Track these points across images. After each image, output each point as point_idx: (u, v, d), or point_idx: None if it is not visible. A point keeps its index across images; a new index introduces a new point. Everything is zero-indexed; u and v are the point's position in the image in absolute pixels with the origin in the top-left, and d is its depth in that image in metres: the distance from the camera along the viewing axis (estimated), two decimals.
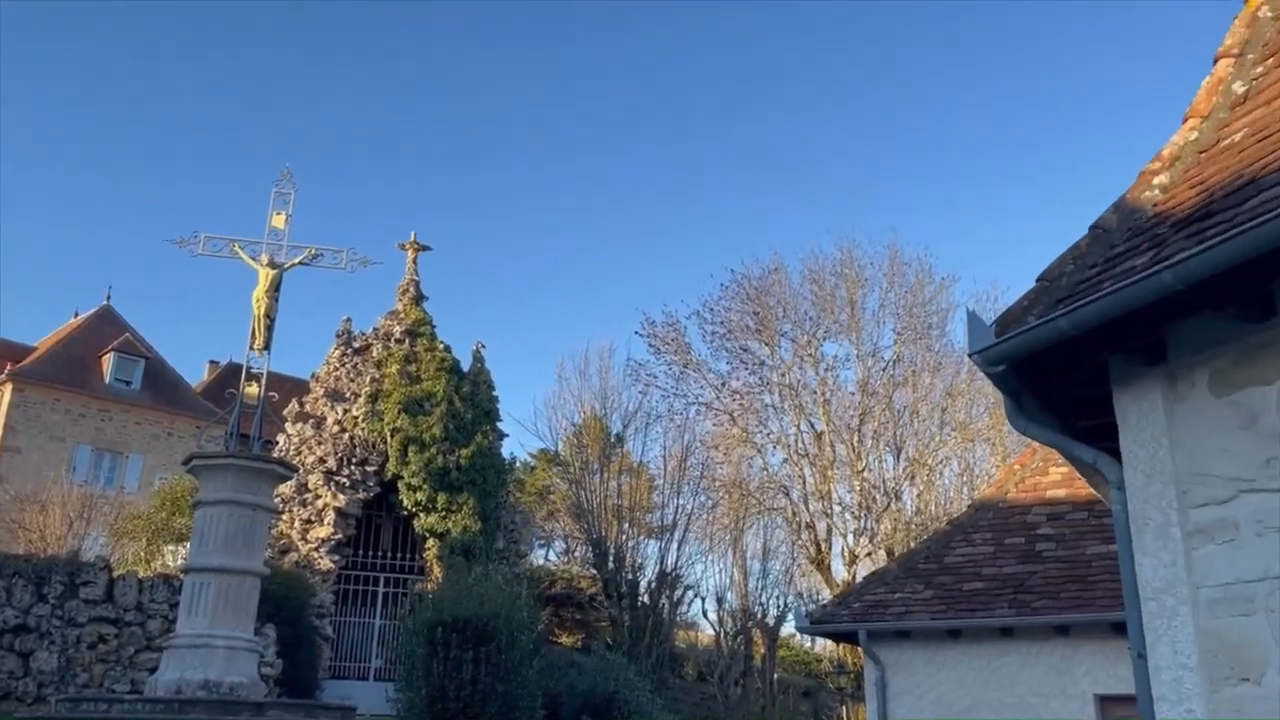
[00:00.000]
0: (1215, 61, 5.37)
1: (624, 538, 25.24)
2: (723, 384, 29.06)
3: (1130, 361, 4.80)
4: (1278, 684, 4.07)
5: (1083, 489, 10.30)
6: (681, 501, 26.33)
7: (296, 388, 24.44)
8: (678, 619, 26.68)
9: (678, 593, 25.55)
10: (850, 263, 29.15)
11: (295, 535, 19.94)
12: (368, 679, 20.43)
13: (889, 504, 27.16)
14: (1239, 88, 5.22)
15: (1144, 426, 4.78)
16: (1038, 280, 5.23)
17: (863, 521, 27.12)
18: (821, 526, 27.50)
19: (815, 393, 28.11)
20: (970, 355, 5.10)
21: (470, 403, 20.88)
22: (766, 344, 28.81)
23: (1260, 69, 5.17)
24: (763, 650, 25.94)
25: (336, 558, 20.26)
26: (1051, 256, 5.35)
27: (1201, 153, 5.12)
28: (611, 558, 24.25)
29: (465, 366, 21.72)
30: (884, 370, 28.25)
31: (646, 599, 24.14)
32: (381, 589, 21.23)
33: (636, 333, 30.11)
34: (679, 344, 29.39)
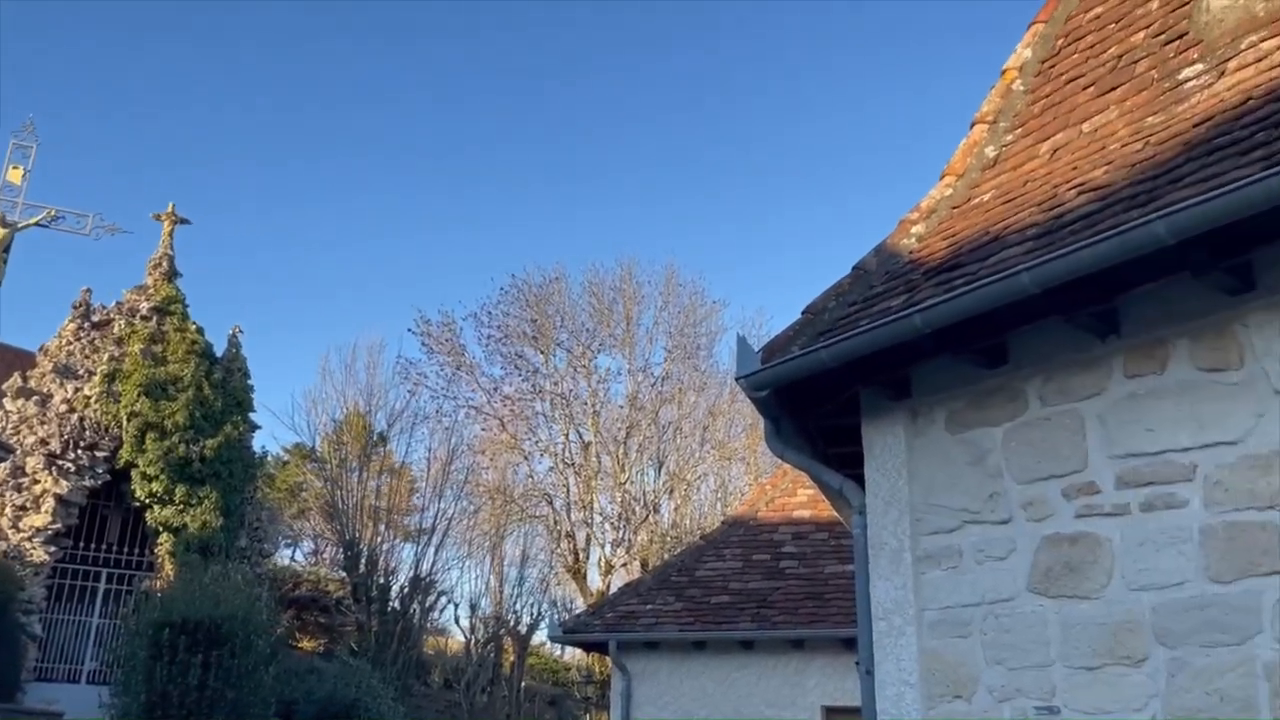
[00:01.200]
0: (972, 126, 5.85)
1: (379, 540, 24.46)
2: (495, 388, 28.85)
3: (880, 395, 5.12)
4: (985, 702, 4.44)
5: (826, 510, 10.92)
6: (443, 505, 25.84)
7: (20, 360, 22.10)
8: (429, 625, 26.12)
9: (431, 598, 25.02)
10: (629, 279, 29.76)
11: (5, 523, 17.98)
12: (79, 682, 18.70)
13: (647, 516, 27.82)
14: (991, 152, 5.70)
15: (887, 457, 5.10)
16: (803, 313, 5.49)
17: (621, 532, 27.63)
18: (581, 536, 27.79)
19: (586, 404, 28.43)
20: (737, 379, 5.28)
21: (222, 390, 19.58)
22: (542, 352, 28.86)
23: (1010, 137, 5.68)
24: (512, 658, 25.85)
25: (53, 549, 18.42)
26: (818, 289, 5.64)
27: (955, 208, 5.56)
28: (364, 560, 23.43)
29: (221, 351, 20.38)
30: (653, 386, 28.97)
31: (398, 604, 23.48)
32: (103, 585, 19.51)
33: (410, 330, 29.41)
34: (453, 345, 28.93)
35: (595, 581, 27.29)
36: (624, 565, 27.35)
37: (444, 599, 26.08)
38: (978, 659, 4.48)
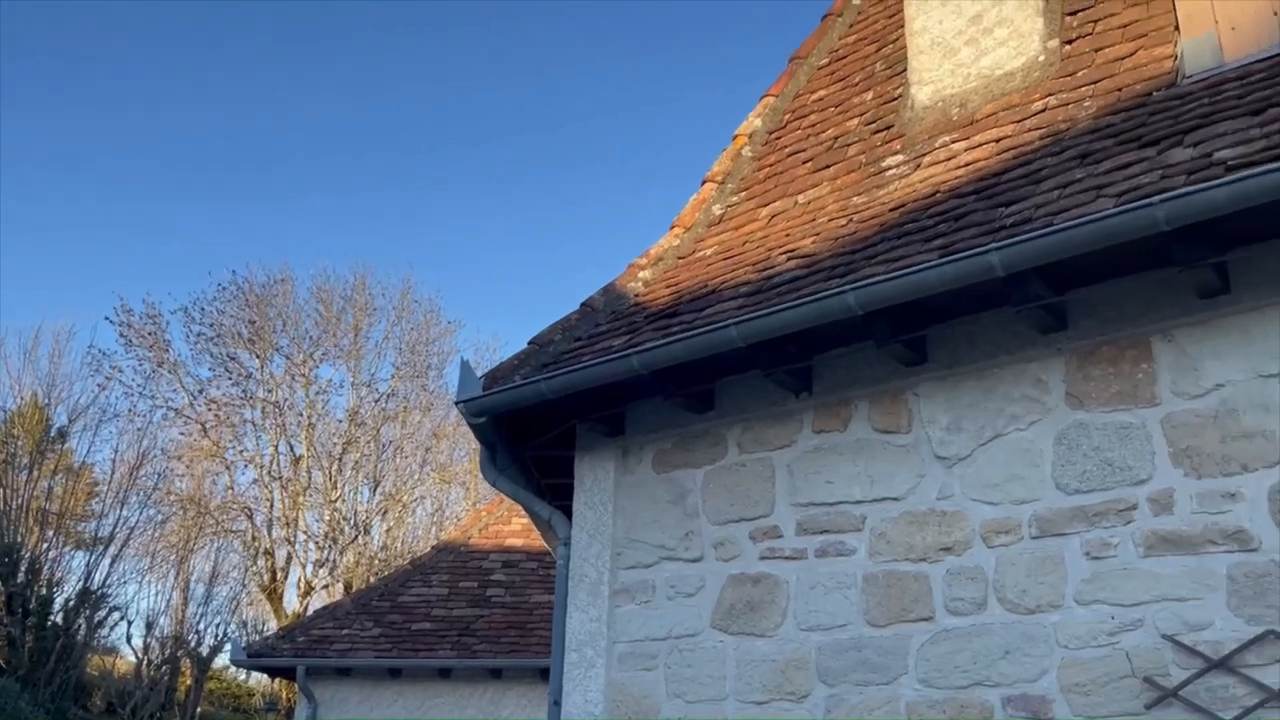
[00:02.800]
0: (703, 183, 6.17)
1: (45, 546, 21.97)
2: (200, 391, 26.83)
3: (595, 431, 5.25)
4: None
5: (539, 540, 10.99)
6: (126, 513, 23.63)
7: None
8: (96, 643, 23.67)
9: (101, 613, 22.73)
10: (363, 289, 28.76)
11: None
12: None
13: (356, 537, 26.79)
14: (717, 210, 6.04)
15: (596, 491, 5.22)
16: (530, 343, 5.53)
17: (327, 553, 26.41)
18: (282, 554, 26.29)
19: (302, 415, 27.06)
20: (456, 403, 5.23)
21: None
22: (258, 356, 27.20)
23: (735, 198, 6.04)
24: (189, 681, 23.94)
25: None
26: (550, 320, 5.72)
27: (680, 259, 5.83)
28: (24, 568, 20.94)
29: None
30: (377, 402, 28.05)
31: (61, 618, 21.15)
32: None
33: (108, 319, 26.83)
34: (157, 339, 26.65)
35: (293, 603, 25.87)
36: (326, 587, 26.14)
37: (116, 615, 23.77)
38: (660, 692, 4.65)
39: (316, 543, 26.65)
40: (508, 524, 12.43)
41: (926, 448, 4.24)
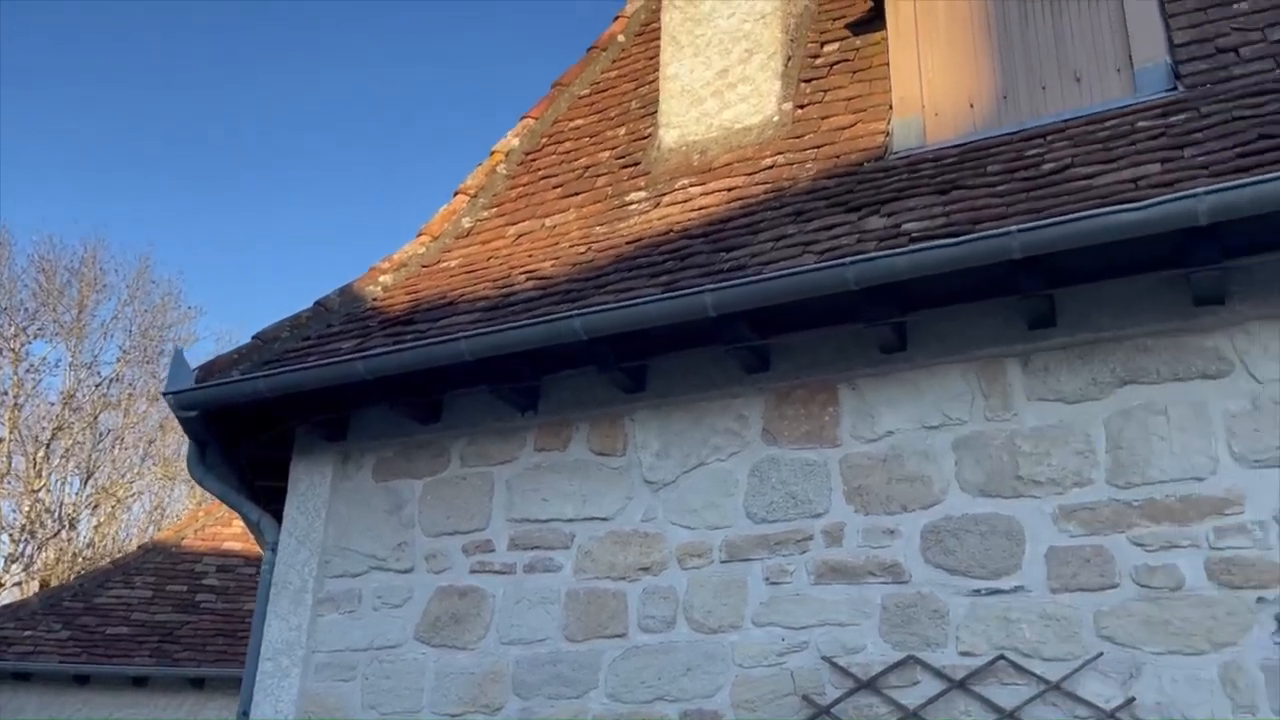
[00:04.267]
0: (455, 194, 6.18)
1: None
2: None
3: (314, 435, 5.11)
4: None
5: (258, 545, 10.48)
6: None
7: None
8: None
9: None
10: (93, 263, 26.41)
11: None
12: None
13: (60, 531, 24.46)
14: (467, 223, 6.06)
15: (310, 496, 5.08)
16: (254, 338, 5.32)
17: (22, 547, 23.93)
18: None
19: (7, 393, 24.47)
20: (164, 394, 4.95)
21: None
22: None
23: (486, 213, 6.08)
24: None
25: None
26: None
27: (424, 267, 5.80)
28: None
29: None
30: (98, 387, 25.81)
31: None
32: None
33: None
34: None
35: None
36: (18, 584, 23.66)
37: None
38: (355, 703, 4.58)
39: (12, 535, 24.11)
40: (228, 526, 11.77)
41: (637, 471, 4.44)
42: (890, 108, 5.06)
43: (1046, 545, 3.62)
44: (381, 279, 5.72)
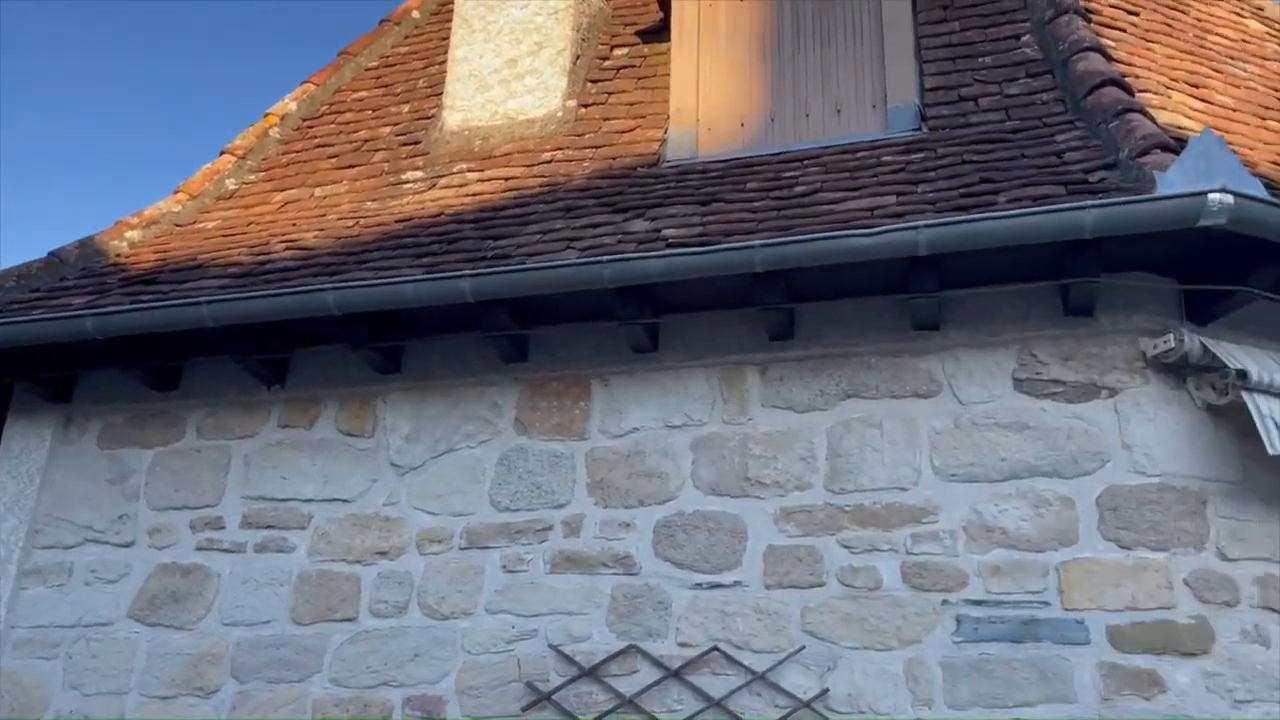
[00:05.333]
0: (221, 154, 5.87)
1: None
2: None
3: (35, 394, 4.73)
4: None
5: None
6: None
7: None
8: None
9: None
10: None
11: None
12: None
13: None
14: (231, 184, 5.77)
15: (25, 460, 4.69)
16: None
17: None
18: None
19: None
20: None
21: None
22: None
23: (253, 176, 5.81)
24: None
25: None
26: None
27: (177, 226, 5.47)
28: None
29: None
30: None
31: None
32: None
33: None
34: None
35: None
36: None
37: None
38: (56, 682, 4.26)
39: None
40: None
41: (385, 454, 4.36)
42: (668, 117, 5.21)
43: (766, 544, 3.83)
44: (128, 234, 5.36)
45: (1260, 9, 5.62)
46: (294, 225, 5.18)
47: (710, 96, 5.16)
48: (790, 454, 3.93)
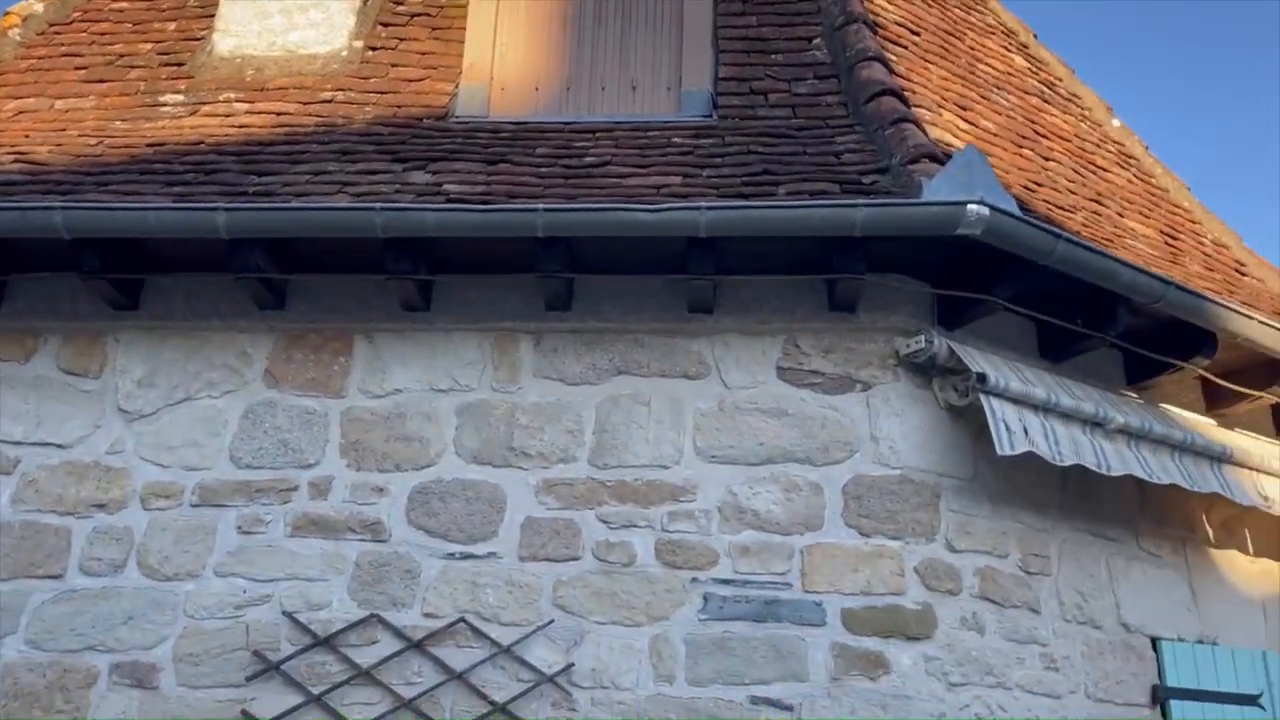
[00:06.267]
0: None
1: None
2: None
3: None
4: None
5: None
6: None
7: None
8: None
9: None
10: None
11: None
12: None
13: None
14: None
15: None
16: None
17: None
18: None
19: None
20: None
21: None
22: None
23: None
24: None
25: None
26: None
27: None
28: None
29: None
30: None
31: None
32: None
33: None
34: None
35: None
36: None
37: None
38: None
39: None
40: None
41: (112, 398, 3.95)
42: (460, 71, 5.01)
43: (525, 515, 3.74)
44: None
45: (1025, 46, 6.07)
46: (26, 137, 4.60)
47: (507, 56, 5.00)
48: (558, 426, 3.85)
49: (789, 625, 3.55)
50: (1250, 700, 4.28)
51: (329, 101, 4.86)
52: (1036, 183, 4.64)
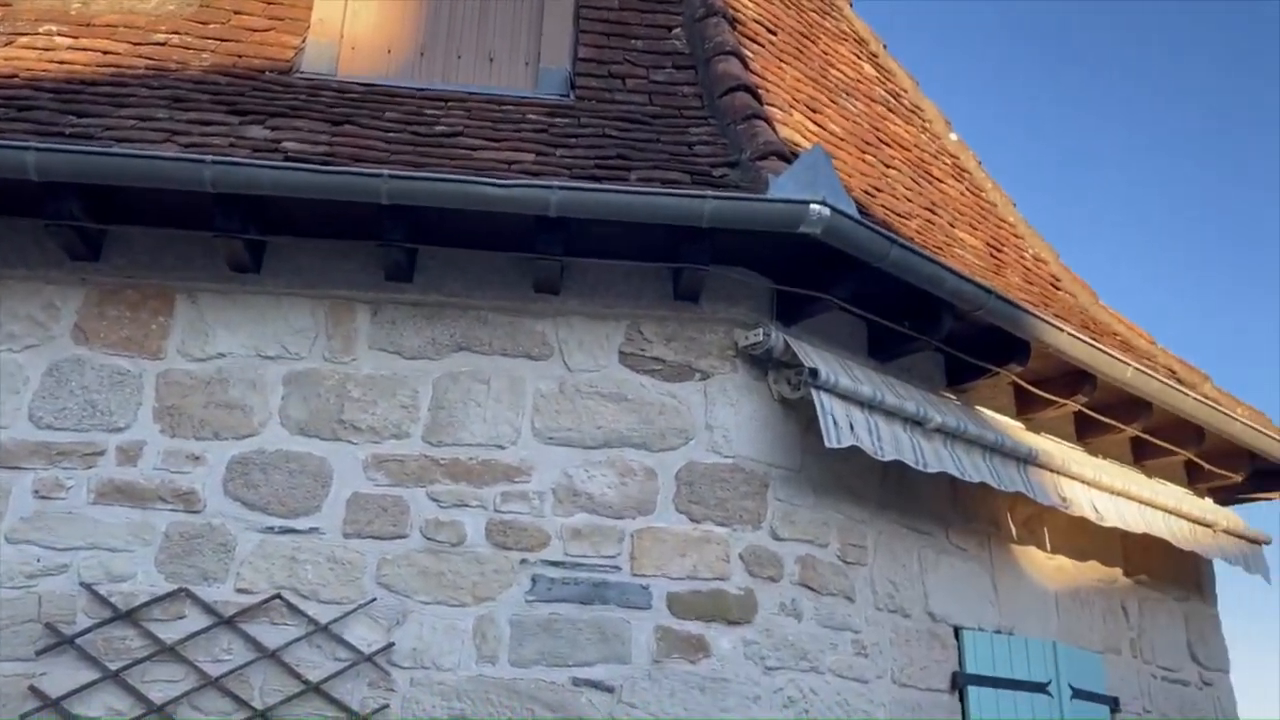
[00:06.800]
0: None
1: None
2: None
3: None
4: None
5: None
6: None
7: None
8: None
9: None
10: None
11: None
12: None
13: None
14: None
15: None
16: None
17: None
18: None
19: None
20: None
21: None
22: None
23: None
24: None
25: None
26: None
27: None
28: None
29: None
30: None
31: None
32: None
33: None
34: None
35: None
36: None
37: None
38: None
39: None
40: None
41: None
42: (309, 27, 4.79)
43: (351, 490, 3.62)
44: None
45: (875, 55, 6.28)
46: None
47: (360, 15, 4.81)
48: (392, 400, 3.75)
49: (615, 608, 3.57)
50: (1040, 688, 4.59)
51: (162, 44, 4.56)
52: (877, 188, 4.81)
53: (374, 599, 3.49)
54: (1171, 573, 5.67)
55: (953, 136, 6.32)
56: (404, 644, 3.45)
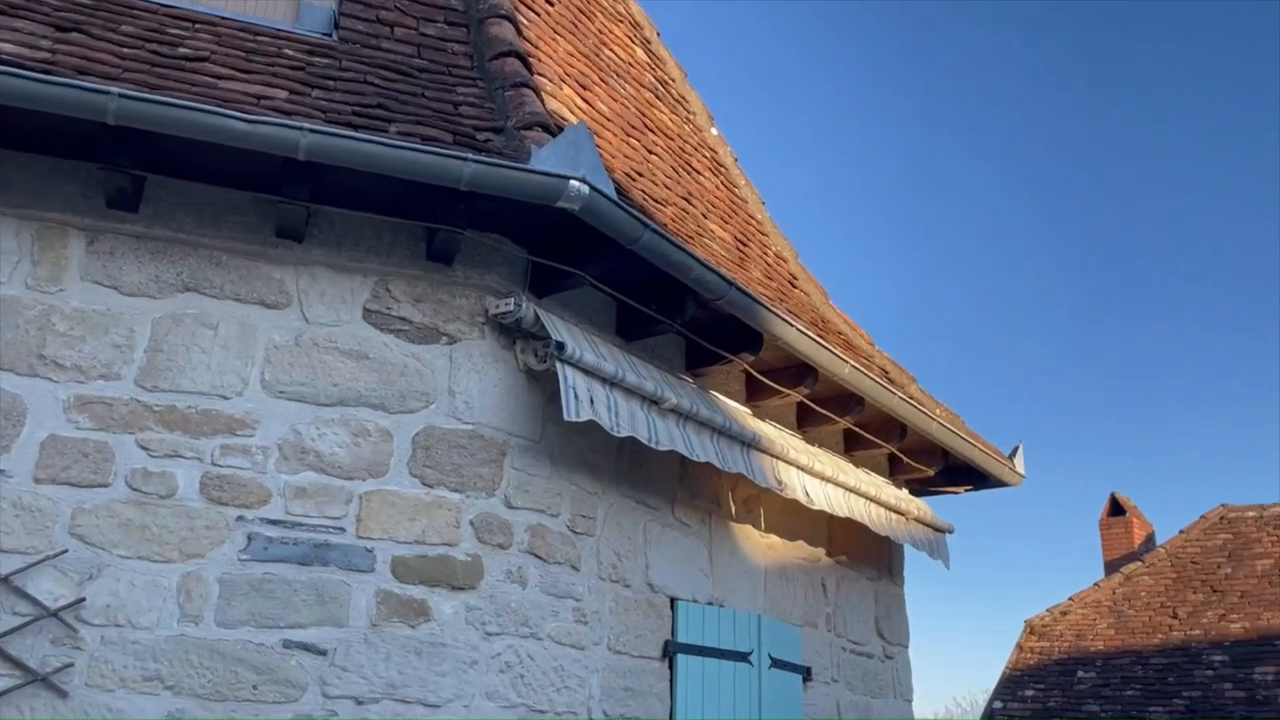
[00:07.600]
0: None
1: None
2: None
3: None
4: None
5: None
6: None
7: None
8: None
9: None
10: None
11: None
12: None
13: None
14: None
15: None
16: None
17: None
18: None
19: None
20: None
21: None
22: None
23: None
24: None
25: None
26: None
27: None
28: None
29: None
30: None
31: None
32: None
33: None
34: None
35: None
36: None
37: None
38: None
39: None
40: None
41: None
42: None
43: (48, 432, 3.32)
44: None
45: (649, 41, 6.41)
46: None
47: None
48: (104, 338, 3.46)
49: (336, 570, 3.49)
50: (742, 657, 4.91)
51: None
52: (638, 172, 4.93)
53: (65, 550, 3.22)
54: (867, 554, 6.22)
55: (713, 131, 6.57)
56: (97, 600, 3.21)
